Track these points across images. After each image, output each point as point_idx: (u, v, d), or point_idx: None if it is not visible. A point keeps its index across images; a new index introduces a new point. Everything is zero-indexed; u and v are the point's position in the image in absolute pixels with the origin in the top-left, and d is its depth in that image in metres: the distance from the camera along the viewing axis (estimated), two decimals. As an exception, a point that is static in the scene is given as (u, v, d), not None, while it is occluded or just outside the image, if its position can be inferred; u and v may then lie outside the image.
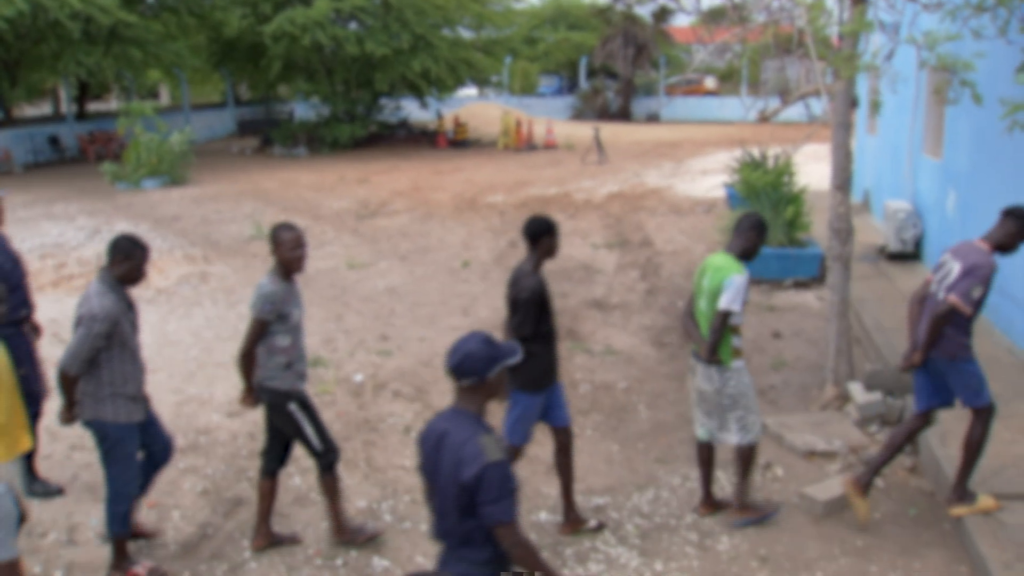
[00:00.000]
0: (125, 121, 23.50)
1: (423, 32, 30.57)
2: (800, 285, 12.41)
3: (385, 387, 9.01)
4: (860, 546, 6.09)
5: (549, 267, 13.14)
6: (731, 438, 6.23)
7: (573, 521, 6.26)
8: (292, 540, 6.18)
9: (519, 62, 45.82)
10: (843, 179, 8.20)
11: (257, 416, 8.23)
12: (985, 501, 6.06)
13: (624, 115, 45.95)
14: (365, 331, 10.75)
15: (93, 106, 42.17)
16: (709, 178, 22.48)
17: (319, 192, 21.89)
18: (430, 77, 31.89)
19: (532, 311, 5.84)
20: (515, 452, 6.03)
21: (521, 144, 32.04)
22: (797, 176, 13.96)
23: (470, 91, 46.85)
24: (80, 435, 7.27)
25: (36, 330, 7.06)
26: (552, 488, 6.82)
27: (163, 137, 22.97)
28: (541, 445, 7.52)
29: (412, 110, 37.09)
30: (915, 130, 13.77)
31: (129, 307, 5.68)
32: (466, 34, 35.02)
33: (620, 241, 15.46)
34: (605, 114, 45.59)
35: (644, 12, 45.42)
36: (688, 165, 26.37)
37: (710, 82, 50.02)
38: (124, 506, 5.69)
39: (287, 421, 5.87)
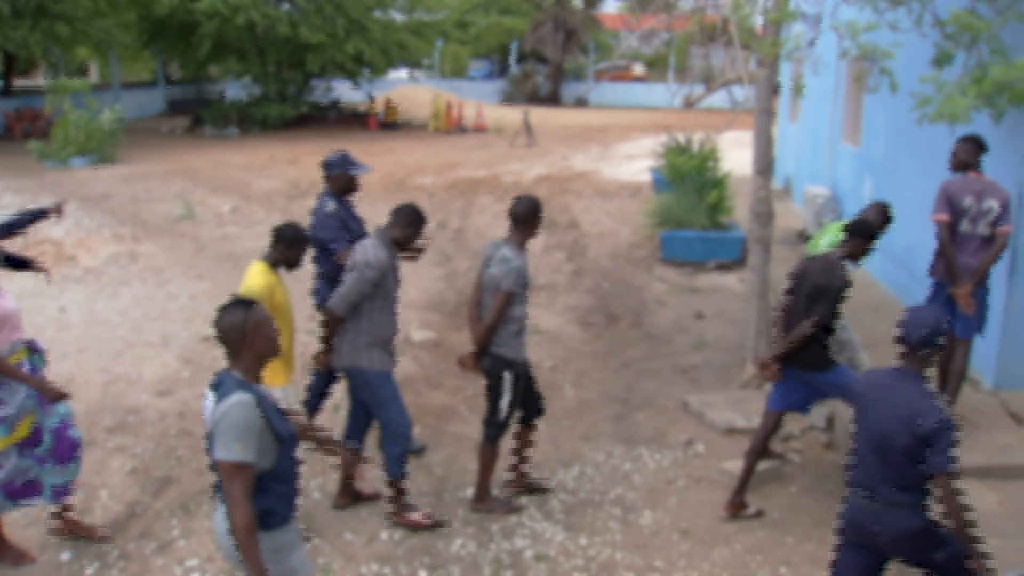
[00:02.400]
0: (53, 98, 22.95)
1: (358, 16, 30.35)
2: (722, 267, 12.68)
3: (314, 366, 9.03)
4: (777, 519, 6.31)
5: (472, 247, 13.23)
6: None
7: None
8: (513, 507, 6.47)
9: (450, 45, 45.66)
10: (764, 164, 8.42)
11: (187, 396, 8.24)
12: None
13: (553, 99, 46.11)
14: (295, 310, 10.72)
15: (20, 82, 41.09)
16: (635, 162, 22.74)
17: (249, 172, 21.69)
18: (363, 60, 31.69)
19: (839, 301, 5.98)
20: None
21: (451, 127, 32.01)
22: (721, 161, 14.22)
23: (401, 74, 46.62)
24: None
25: None
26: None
27: (92, 115, 22.50)
28: (469, 424, 7.65)
29: (343, 91, 36.80)
30: (834, 118, 14.13)
31: (395, 267, 6.01)
32: (398, 17, 34.83)
33: (547, 223, 15.59)
34: (535, 98, 45.69)
35: (574, -3, 45.69)
36: (615, 149, 26.63)
37: (638, 68, 50.40)
38: (401, 446, 5.96)
39: (494, 384, 6.11)
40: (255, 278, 5.72)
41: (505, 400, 6.09)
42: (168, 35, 32.27)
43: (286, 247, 5.81)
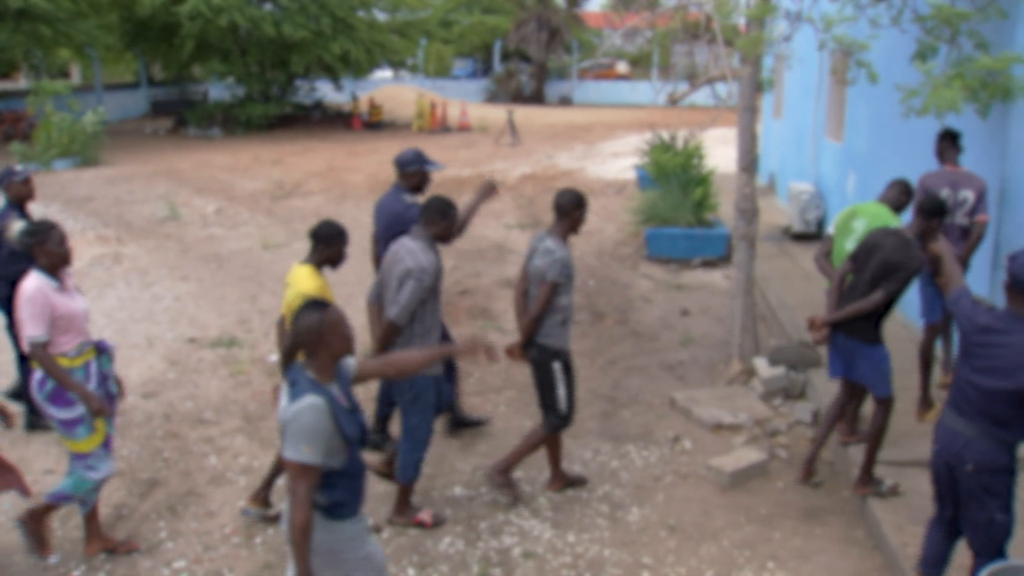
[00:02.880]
0: (35, 100, 22.84)
1: (343, 15, 30.28)
2: (708, 264, 12.71)
3: (300, 367, 9.02)
4: (764, 514, 6.33)
5: (462, 247, 13.22)
6: None
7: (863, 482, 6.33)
8: (580, 480, 6.72)
9: (434, 45, 45.62)
10: (749, 161, 8.45)
11: (172, 397, 8.22)
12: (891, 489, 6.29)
13: (537, 98, 46.12)
14: (280, 311, 10.71)
15: (0, 85, 40.84)
16: (620, 160, 22.75)
17: (233, 173, 21.63)
18: (348, 59, 31.64)
19: (911, 281, 6.02)
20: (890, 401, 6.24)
21: (435, 126, 31.98)
22: (706, 158, 14.26)
23: (385, 73, 46.48)
24: None
25: None
26: (466, 464, 6.97)
27: (75, 117, 22.39)
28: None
29: (327, 92, 36.72)
30: (818, 115, 14.17)
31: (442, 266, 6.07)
32: (381, 16, 34.76)
33: (533, 222, 15.60)
34: (519, 97, 45.69)
35: (558, -4, 45.73)
36: (599, 147, 26.64)
37: (622, 66, 50.44)
38: (420, 453, 6.02)
39: (545, 377, 6.21)
40: (307, 281, 5.74)
41: (560, 390, 6.21)
42: (150, 36, 32.09)
43: (325, 246, 5.81)
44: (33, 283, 5.31)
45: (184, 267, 12.71)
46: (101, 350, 5.68)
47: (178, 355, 9.21)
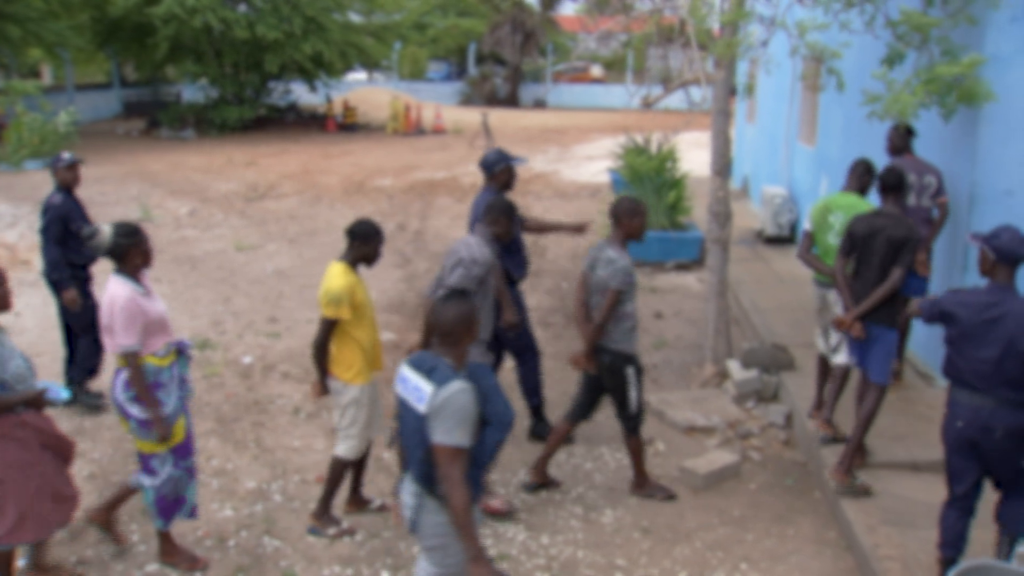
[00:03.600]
0: (5, 100, 22.64)
1: (314, 14, 30.19)
2: (681, 267, 12.77)
3: (274, 369, 9.00)
4: (737, 516, 6.36)
5: (435, 249, 13.21)
6: (839, 359, 6.83)
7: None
8: (556, 484, 6.79)
9: (408, 47, 45.58)
10: (722, 165, 8.49)
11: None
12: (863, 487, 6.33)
13: (512, 101, 46.15)
14: (254, 313, 10.70)
15: (-32, 85, 40.48)
16: (594, 163, 22.82)
17: (207, 174, 21.52)
18: (322, 61, 31.54)
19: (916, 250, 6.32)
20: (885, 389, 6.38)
21: (410, 129, 31.95)
22: (679, 162, 14.31)
23: (359, 75, 46.45)
24: None
25: None
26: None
27: (46, 117, 22.22)
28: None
29: (301, 94, 36.59)
30: (791, 119, 14.26)
31: (496, 263, 6.36)
32: (356, 18, 34.69)
33: (508, 225, 15.59)
34: (493, 100, 45.72)
35: (532, 0, 45.71)
36: (574, 151, 26.70)
37: (596, 70, 50.61)
38: (503, 435, 6.01)
39: (618, 381, 6.31)
40: (336, 279, 5.77)
41: (633, 393, 6.32)
42: (123, 37, 31.90)
43: (362, 243, 5.85)
44: (124, 291, 5.29)
45: (157, 269, 12.54)
46: (181, 352, 5.68)
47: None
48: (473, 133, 28.39)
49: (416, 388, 3.99)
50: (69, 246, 7.93)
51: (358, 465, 6.24)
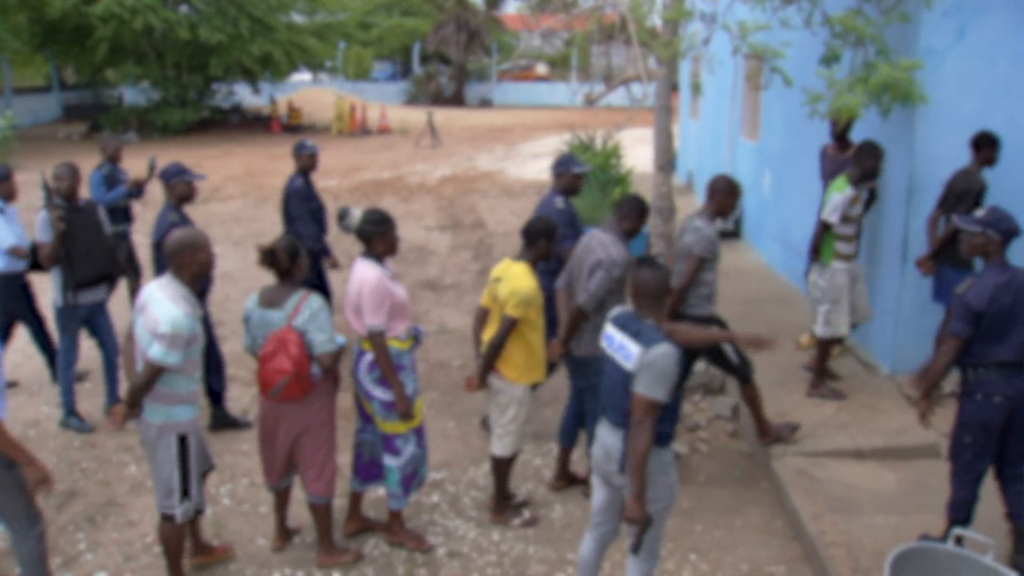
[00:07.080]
0: (-61, 105, 22.23)
1: (261, 15, 29.94)
2: (628, 264, 12.82)
3: (220, 372, 8.91)
4: (686, 507, 6.42)
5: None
6: (817, 329, 7.52)
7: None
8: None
9: (352, 47, 45.39)
10: (665, 160, 8.56)
11: (89, 407, 8.05)
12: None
13: (457, 100, 46.17)
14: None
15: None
16: (540, 161, 22.87)
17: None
18: (269, 62, 31.32)
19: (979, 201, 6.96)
20: None
21: (355, 129, 31.85)
22: (624, 158, 14.40)
23: (303, 76, 46.16)
24: None
25: None
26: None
27: (-17, 122, 21.82)
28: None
29: (245, 95, 36.30)
30: (734, 115, 14.40)
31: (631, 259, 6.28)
32: (299, 19, 34.49)
33: (453, 223, 15.62)
34: (438, 99, 45.71)
35: (476, -1, 45.83)
36: (519, 149, 26.75)
37: (541, 68, 50.75)
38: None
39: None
40: (523, 279, 5.78)
41: (726, 346, 6.62)
42: (62, 39, 31.29)
43: (546, 241, 5.92)
44: (375, 274, 5.45)
45: (99, 274, 12.42)
46: (416, 337, 5.76)
47: (94, 364, 9.01)
48: (419, 132, 28.37)
49: (622, 347, 4.36)
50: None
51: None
